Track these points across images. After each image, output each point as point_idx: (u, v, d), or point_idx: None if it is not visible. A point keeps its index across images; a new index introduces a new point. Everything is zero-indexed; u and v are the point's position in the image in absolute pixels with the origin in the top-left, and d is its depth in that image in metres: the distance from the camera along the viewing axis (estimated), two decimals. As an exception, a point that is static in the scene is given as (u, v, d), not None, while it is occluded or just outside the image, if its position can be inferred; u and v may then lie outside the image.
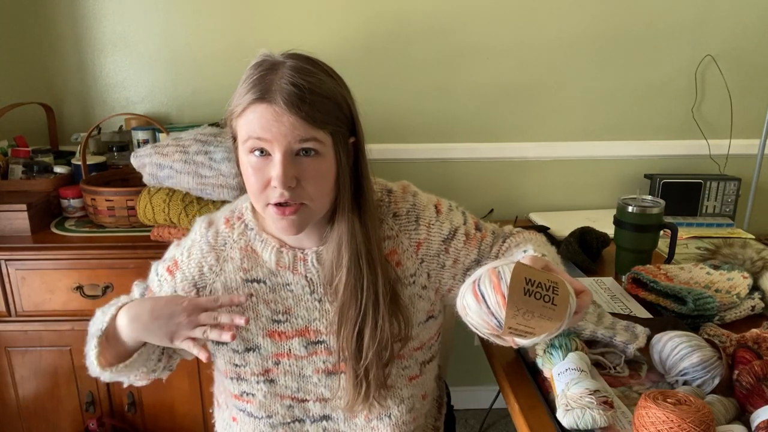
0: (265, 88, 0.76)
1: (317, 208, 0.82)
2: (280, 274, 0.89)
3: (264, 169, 0.78)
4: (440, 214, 0.95)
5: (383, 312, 0.86)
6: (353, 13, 1.81)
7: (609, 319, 1.06)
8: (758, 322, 1.15)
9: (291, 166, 0.77)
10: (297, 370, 0.91)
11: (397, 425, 0.96)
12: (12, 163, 1.68)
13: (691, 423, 0.71)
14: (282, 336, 0.90)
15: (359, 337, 0.86)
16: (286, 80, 0.75)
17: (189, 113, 1.91)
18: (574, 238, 1.53)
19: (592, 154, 1.97)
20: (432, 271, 0.93)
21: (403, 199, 0.94)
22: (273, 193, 0.78)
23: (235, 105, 0.80)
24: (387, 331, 0.86)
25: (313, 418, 0.95)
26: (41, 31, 1.83)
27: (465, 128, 1.94)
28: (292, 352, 0.90)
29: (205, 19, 1.83)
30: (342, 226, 0.84)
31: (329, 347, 0.90)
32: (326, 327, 0.89)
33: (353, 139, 0.84)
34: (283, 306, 0.89)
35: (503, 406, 1.93)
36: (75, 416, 1.61)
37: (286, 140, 0.76)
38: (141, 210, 1.49)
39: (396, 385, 0.94)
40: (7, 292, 1.49)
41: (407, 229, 0.92)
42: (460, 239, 0.95)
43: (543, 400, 0.90)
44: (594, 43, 1.87)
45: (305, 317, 0.89)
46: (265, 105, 0.76)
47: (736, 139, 1.94)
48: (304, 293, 0.89)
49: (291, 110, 0.75)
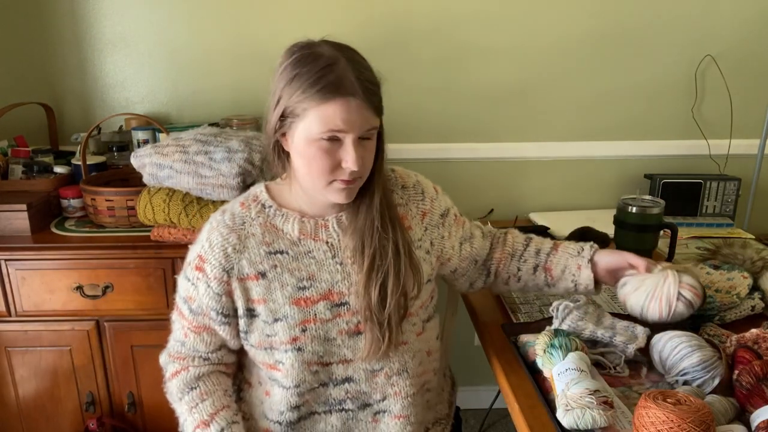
0: (338, 84, 0.84)
1: (364, 179, 0.94)
2: (301, 243, 0.96)
3: (334, 153, 0.87)
4: (438, 193, 1.10)
5: (404, 265, 0.96)
6: (353, 13, 1.81)
7: (609, 319, 1.06)
8: (758, 322, 1.15)
9: (359, 149, 0.88)
10: (323, 333, 0.96)
11: (412, 377, 1.02)
12: (12, 163, 1.68)
13: (691, 423, 0.71)
14: (307, 302, 0.95)
15: (383, 287, 0.94)
16: (354, 75, 0.85)
17: (189, 113, 1.91)
18: (574, 238, 1.53)
19: (592, 154, 1.97)
20: (434, 239, 1.06)
21: (407, 175, 1.08)
22: (342, 172, 0.89)
23: (304, 96, 0.85)
24: (409, 281, 0.96)
25: (336, 381, 0.99)
26: (41, 31, 1.83)
27: (465, 128, 1.94)
28: (317, 317, 0.95)
29: (205, 19, 1.83)
30: (377, 194, 0.95)
31: (351, 308, 0.96)
32: (348, 288, 0.96)
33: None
34: (306, 272, 0.95)
35: (503, 406, 1.93)
36: (75, 416, 1.61)
37: (361, 129, 0.87)
38: (141, 210, 1.49)
39: (409, 340, 1.01)
40: (7, 292, 1.49)
41: (415, 199, 1.05)
42: (452, 218, 1.10)
43: (543, 400, 0.90)
44: (594, 43, 1.87)
45: (328, 280, 0.96)
46: (346, 99, 0.84)
47: (736, 139, 1.94)
48: (326, 258, 0.96)
49: (367, 104, 0.86)
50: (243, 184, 1.43)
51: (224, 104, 1.89)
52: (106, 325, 1.53)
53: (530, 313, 1.22)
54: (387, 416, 1.02)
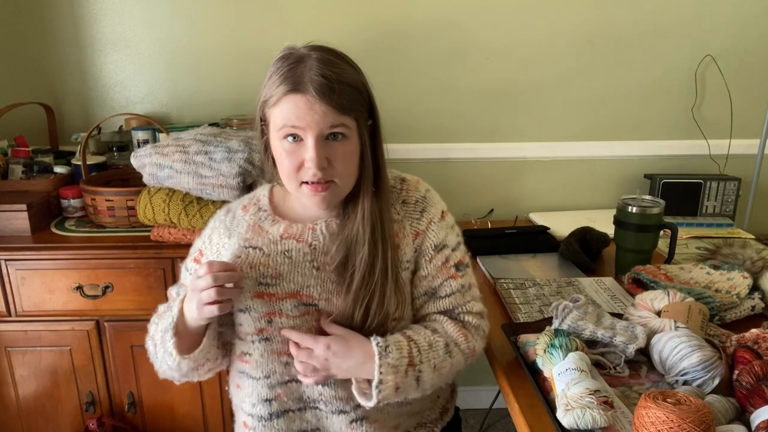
0: (297, 80, 0.84)
1: (345, 186, 0.91)
2: (281, 242, 0.95)
3: (297, 153, 0.87)
4: (443, 220, 1.01)
5: (390, 286, 0.92)
6: (353, 14, 1.81)
7: (609, 319, 1.06)
8: (758, 322, 1.15)
9: (322, 149, 0.86)
10: (291, 327, 0.95)
11: None
12: (12, 163, 1.68)
13: (691, 423, 0.71)
14: (272, 297, 0.94)
15: (367, 306, 0.92)
16: (315, 72, 0.84)
17: (189, 113, 1.91)
18: (574, 238, 1.53)
19: (592, 154, 1.97)
20: (416, 265, 0.99)
21: (416, 189, 1.01)
22: (306, 173, 0.87)
23: (268, 96, 0.87)
24: (391, 304, 0.93)
25: None
26: (41, 31, 1.83)
27: (465, 128, 1.94)
28: (284, 312, 0.94)
29: (205, 19, 1.83)
30: (365, 203, 0.92)
31: (320, 309, 0.95)
32: (319, 294, 0.94)
33: (371, 122, 0.93)
34: (274, 270, 0.94)
35: (503, 406, 1.93)
36: (75, 416, 1.61)
37: (318, 127, 0.84)
38: (141, 210, 1.49)
39: None
40: (7, 292, 1.49)
41: (411, 217, 0.99)
42: (440, 259, 0.99)
43: (543, 400, 0.90)
44: (594, 43, 1.87)
45: (299, 282, 0.94)
46: (299, 95, 0.84)
47: (736, 139, 1.94)
48: (304, 260, 0.94)
49: (322, 99, 0.83)
50: (243, 184, 1.43)
51: (224, 104, 1.89)
52: (106, 325, 1.53)
53: (530, 313, 1.22)
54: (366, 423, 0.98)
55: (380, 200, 0.94)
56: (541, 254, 1.58)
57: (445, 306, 0.99)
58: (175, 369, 0.95)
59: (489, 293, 1.35)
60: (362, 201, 0.92)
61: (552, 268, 1.48)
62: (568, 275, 1.42)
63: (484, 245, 1.59)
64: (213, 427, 1.64)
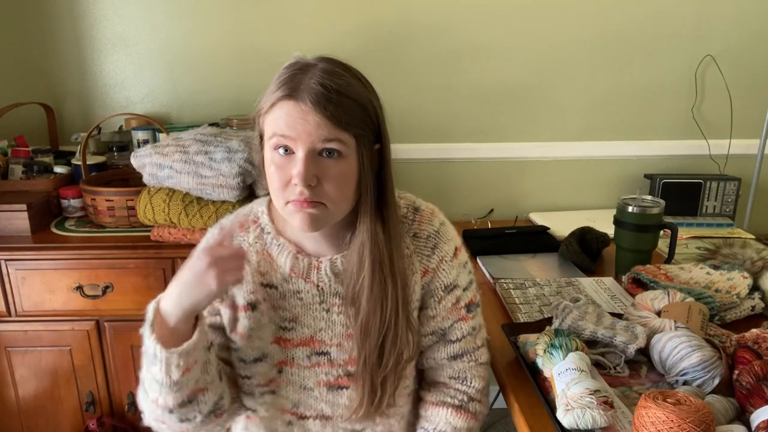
0: (294, 87, 0.77)
1: (336, 210, 0.81)
2: (292, 281, 0.89)
3: (286, 167, 0.78)
4: (455, 258, 0.94)
5: (402, 324, 0.86)
6: (353, 14, 1.81)
7: (609, 319, 1.06)
8: (758, 322, 1.15)
9: (313, 164, 0.77)
10: (299, 380, 0.91)
11: None
12: (12, 163, 1.68)
13: (691, 423, 0.71)
14: (288, 343, 0.90)
15: (381, 345, 0.86)
16: (315, 80, 0.76)
17: (189, 113, 1.91)
18: (574, 238, 1.53)
19: (592, 154, 1.97)
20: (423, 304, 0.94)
21: (429, 222, 0.93)
22: (293, 190, 0.78)
23: (263, 102, 0.80)
24: (405, 341, 0.87)
25: None
26: (41, 31, 1.83)
27: (465, 128, 1.94)
28: (295, 361, 0.90)
29: (205, 19, 1.83)
30: (363, 233, 0.84)
31: (332, 360, 0.90)
32: (330, 338, 0.90)
33: (378, 146, 0.84)
34: (291, 313, 0.89)
35: (503, 406, 1.93)
36: (75, 416, 1.61)
37: (310, 139, 0.76)
38: (141, 210, 1.49)
39: (398, 403, 0.95)
40: (7, 292, 1.49)
41: (421, 253, 0.91)
42: (450, 300, 0.94)
43: (543, 400, 0.90)
44: (594, 43, 1.87)
45: (311, 326, 0.89)
46: (293, 102, 0.76)
47: (736, 139, 1.94)
48: (314, 302, 0.89)
49: (317, 109, 0.75)
50: (243, 184, 1.43)
51: (224, 104, 1.89)
52: (106, 325, 1.53)
53: (530, 313, 1.22)
54: None
55: (387, 230, 0.85)
56: (541, 254, 1.58)
57: (454, 351, 0.96)
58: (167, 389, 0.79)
59: (489, 293, 1.35)
60: (361, 230, 0.84)
61: (552, 268, 1.48)
62: (568, 275, 1.42)
63: (484, 245, 1.59)
64: (213, 427, 1.64)
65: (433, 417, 0.96)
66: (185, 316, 0.78)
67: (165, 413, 0.81)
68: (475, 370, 0.98)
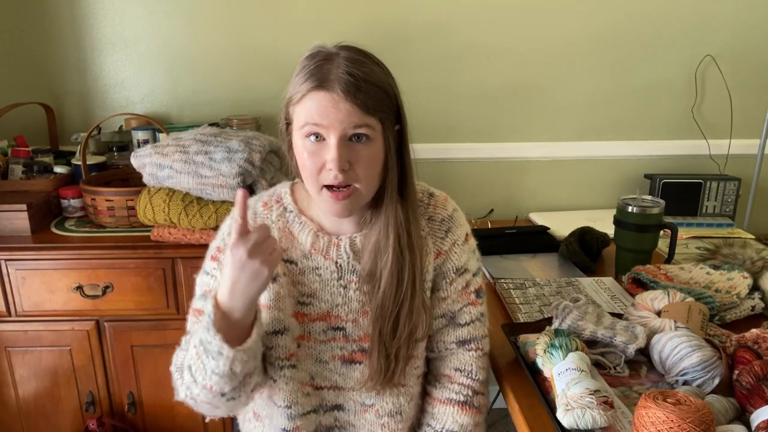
0: (323, 77, 0.81)
1: (366, 192, 0.87)
2: (311, 257, 0.93)
3: (319, 153, 0.83)
4: (467, 243, 0.99)
5: (418, 297, 0.91)
6: (353, 14, 1.81)
7: (609, 319, 1.06)
8: (758, 322, 1.15)
9: (345, 150, 0.82)
10: (315, 354, 0.95)
11: (406, 420, 0.99)
12: (12, 163, 1.68)
13: (691, 423, 0.71)
14: (305, 318, 0.93)
15: (396, 318, 0.90)
16: (342, 70, 0.80)
17: (189, 113, 1.91)
18: (574, 238, 1.53)
19: (592, 154, 1.97)
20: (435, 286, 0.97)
21: (444, 207, 0.99)
22: (327, 175, 0.83)
23: (293, 92, 0.84)
24: (419, 317, 0.91)
25: (326, 407, 0.97)
26: (41, 31, 1.83)
27: (465, 128, 1.94)
28: (312, 335, 0.94)
29: (205, 19, 1.83)
30: (388, 210, 0.89)
31: (347, 335, 0.94)
32: (347, 314, 0.93)
33: (398, 126, 0.89)
34: (309, 289, 0.93)
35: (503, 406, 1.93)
36: (75, 416, 1.61)
37: (342, 126, 0.81)
38: (141, 210, 1.49)
39: (408, 383, 0.98)
40: (7, 292, 1.49)
41: (435, 235, 0.97)
42: (461, 283, 0.98)
43: (543, 400, 0.90)
44: (594, 43, 1.87)
45: (329, 302, 0.93)
46: (324, 92, 0.80)
47: (736, 139, 1.94)
48: (332, 278, 0.93)
49: (347, 98, 0.80)
50: (243, 184, 1.43)
51: (224, 104, 1.89)
52: (106, 325, 1.53)
53: (530, 313, 1.22)
54: None
55: (406, 209, 0.90)
56: (541, 254, 1.58)
57: (463, 336, 0.99)
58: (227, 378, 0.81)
59: (489, 293, 1.34)
60: (386, 208, 0.89)
61: (552, 268, 1.48)
62: (568, 275, 1.42)
63: (484, 245, 1.57)
64: (213, 428, 1.64)
65: (440, 415, 0.99)
66: (247, 309, 0.81)
67: (217, 397, 0.84)
68: (481, 361, 1.00)
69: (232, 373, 0.81)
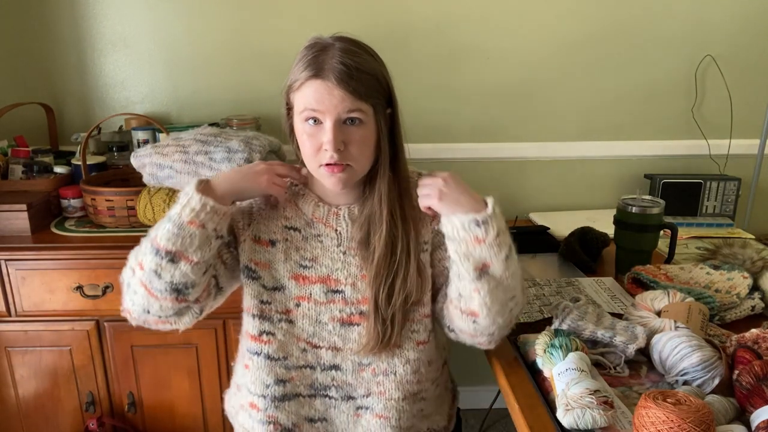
0: (319, 67, 0.90)
1: (360, 169, 0.96)
2: (314, 225, 1.02)
3: (317, 135, 0.92)
4: None
5: (413, 265, 0.98)
6: (353, 13, 1.81)
7: (609, 319, 1.06)
8: (758, 322, 1.15)
9: (339, 132, 0.91)
10: (315, 315, 1.01)
11: (401, 383, 1.03)
12: (12, 163, 1.68)
13: (691, 423, 0.71)
14: (306, 280, 1.00)
15: (391, 285, 0.97)
16: (336, 60, 0.89)
17: (189, 113, 1.91)
18: (574, 238, 1.53)
19: (592, 154, 1.97)
20: (434, 246, 1.03)
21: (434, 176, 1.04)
22: (324, 155, 0.92)
23: (292, 80, 0.93)
24: (414, 283, 0.98)
25: (324, 366, 1.02)
26: (41, 31, 1.83)
27: (465, 128, 1.94)
28: (312, 297, 1.00)
29: (205, 19, 1.83)
30: (382, 185, 0.97)
31: (346, 298, 1.00)
32: (345, 278, 1.00)
33: (389, 110, 0.98)
34: (311, 254, 1.01)
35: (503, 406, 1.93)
36: (75, 416, 1.61)
37: (336, 111, 0.90)
38: (141, 210, 1.49)
39: (404, 346, 1.02)
40: (7, 292, 1.49)
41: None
42: None
43: (543, 400, 0.90)
44: (594, 43, 1.87)
45: (329, 266, 1.01)
46: (320, 81, 0.89)
47: (736, 139, 1.94)
48: (332, 245, 1.01)
49: (341, 85, 0.89)
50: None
51: (224, 104, 1.89)
52: (106, 325, 1.53)
53: (530, 313, 1.22)
54: (369, 413, 1.03)
55: (398, 184, 0.99)
56: (541, 254, 1.58)
57: None
58: (168, 232, 0.88)
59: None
60: (379, 183, 0.98)
61: (552, 268, 1.48)
62: (568, 275, 1.42)
63: (484, 245, 1.59)
64: (213, 427, 1.64)
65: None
66: (231, 195, 0.95)
67: (148, 256, 0.90)
68: None
69: (180, 222, 0.89)
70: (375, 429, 1.03)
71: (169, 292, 0.91)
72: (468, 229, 0.91)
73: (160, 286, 0.91)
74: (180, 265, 0.90)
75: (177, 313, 0.96)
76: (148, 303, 0.93)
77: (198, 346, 1.55)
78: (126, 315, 0.97)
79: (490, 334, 0.97)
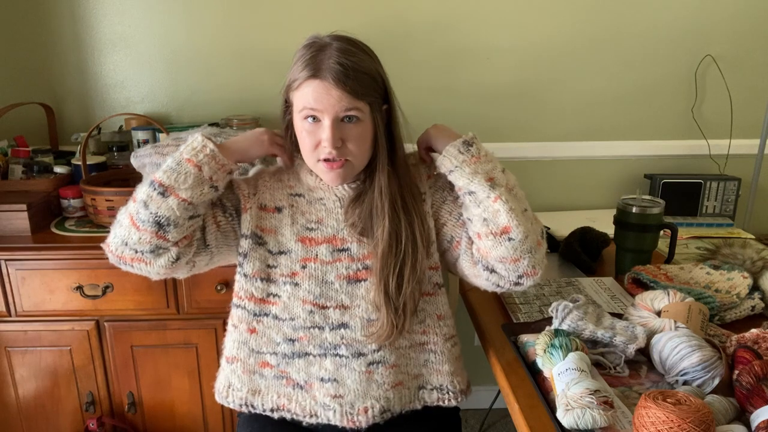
0: (317, 67, 0.93)
1: (358, 164, 1.01)
2: (316, 191, 1.07)
3: (315, 132, 0.96)
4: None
5: (422, 254, 1.02)
6: (353, 13, 1.81)
7: (609, 319, 1.06)
8: (758, 322, 1.15)
9: (337, 130, 0.95)
10: (321, 275, 1.04)
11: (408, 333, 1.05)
12: (12, 163, 1.68)
13: (691, 423, 0.71)
14: (312, 242, 1.05)
15: (400, 275, 1.00)
16: (334, 60, 0.93)
17: (189, 113, 1.91)
18: (574, 238, 1.53)
19: (592, 154, 1.97)
20: (435, 202, 1.08)
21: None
22: (323, 151, 0.97)
23: (292, 80, 0.97)
24: (423, 273, 1.02)
25: (332, 325, 1.04)
26: (41, 31, 1.83)
27: (465, 128, 1.90)
28: (318, 257, 1.04)
29: (205, 19, 1.83)
30: (381, 178, 1.01)
31: (352, 254, 1.05)
32: (351, 234, 1.05)
33: (386, 107, 1.02)
34: (316, 216, 1.06)
35: (503, 406, 1.93)
36: (75, 416, 1.61)
37: (334, 109, 0.94)
38: (141, 210, 1.49)
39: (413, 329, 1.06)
40: (7, 292, 1.49)
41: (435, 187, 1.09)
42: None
43: (543, 400, 0.90)
44: (594, 43, 1.87)
45: (334, 227, 1.05)
46: (318, 81, 0.93)
47: (736, 139, 1.94)
48: (335, 207, 1.06)
49: (338, 85, 0.92)
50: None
51: (224, 104, 1.89)
52: (106, 325, 1.53)
53: (530, 313, 1.22)
54: (381, 367, 1.04)
55: (398, 173, 1.03)
56: (541, 254, 1.57)
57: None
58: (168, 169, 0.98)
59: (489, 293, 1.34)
60: (378, 177, 1.01)
61: (552, 268, 1.48)
62: (568, 275, 1.42)
63: (484, 245, 1.59)
64: (213, 427, 1.64)
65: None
66: (234, 152, 1.01)
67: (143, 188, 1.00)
68: None
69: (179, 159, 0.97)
70: (387, 378, 1.04)
71: (151, 224, 0.97)
72: (463, 151, 1.02)
73: (144, 216, 0.97)
74: (168, 199, 0.96)
75: (153, 251, 0.98)
76: (128, 234, 0.98)
77: (198, 346, 1.55)
78: (105, 248, 1.02)
79: (529, 252, 0.99)
